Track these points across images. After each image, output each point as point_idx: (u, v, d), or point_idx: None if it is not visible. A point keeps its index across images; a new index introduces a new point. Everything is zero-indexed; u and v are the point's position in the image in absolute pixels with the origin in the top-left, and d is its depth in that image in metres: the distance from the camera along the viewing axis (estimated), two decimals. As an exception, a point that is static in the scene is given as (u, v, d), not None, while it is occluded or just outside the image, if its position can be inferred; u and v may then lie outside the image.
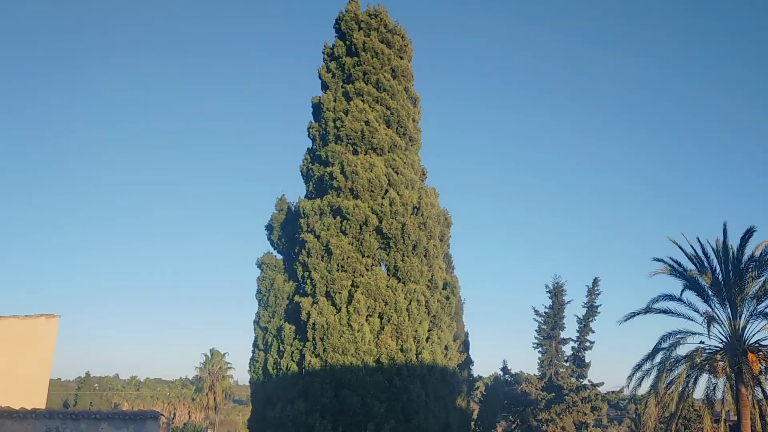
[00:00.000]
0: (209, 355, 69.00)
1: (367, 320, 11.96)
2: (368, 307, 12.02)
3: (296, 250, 12.82)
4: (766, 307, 26.99)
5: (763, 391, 27.04)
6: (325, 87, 14.44)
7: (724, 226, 28.97)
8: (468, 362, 25.35)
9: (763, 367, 26.60)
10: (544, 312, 31.75)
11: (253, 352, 12.88)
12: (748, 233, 26.93)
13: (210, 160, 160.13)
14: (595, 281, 30.39)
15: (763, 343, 27.27)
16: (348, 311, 11.85)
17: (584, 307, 30.73)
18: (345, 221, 12.46)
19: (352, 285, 12.18)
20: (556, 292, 31.14)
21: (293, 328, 12.23)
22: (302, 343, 11.95)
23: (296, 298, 12.50)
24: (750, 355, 26.33)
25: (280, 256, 13.55)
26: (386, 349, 11.67)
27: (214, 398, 65.32)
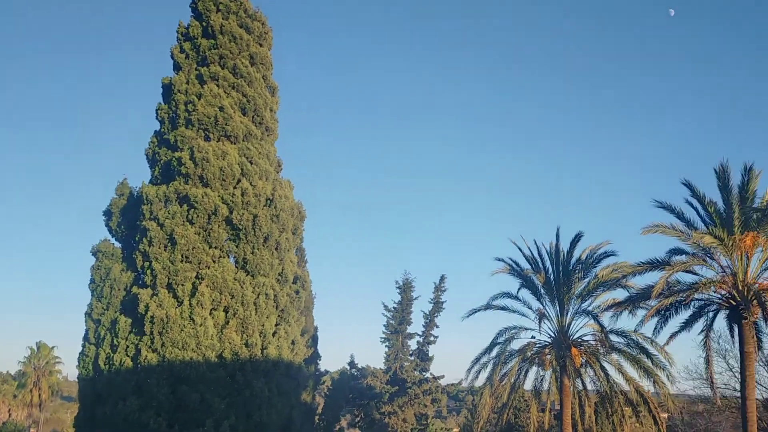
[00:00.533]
0: (35, 349, 63.54)
1: (211, 314, 11.53)
2: (213, 300, 11.60)
3: (137, 239, 12.07)
4: (588, 306, 29.52)
5: (582, 382, 29.59)
6: (177, 68, 13.73)
7: (557, 230, 31.29)
8: (315, 357, 25.37)
9: (583, 361, 29.10)
10: (393, 307, 32.52)
11: (84, 345, 11.97)
12: (577, 238, 29.34)
13: (44, 137, 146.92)
14: (442, 278, 31.61)
15: (585, 338, 29.87)
16: (191, 304, 11.36)
17: (431, 302, 31.87)
18: (192, 210, 11.92)
19: (197, 277, 11.69)
20: (405, 288, 32.02)
21: (129, 321, 11.51)
22: (138, 337, 11.28)
23: (134, 289, 11.77)
24: (573, 350, 28.70)
25: (118, 244, 12.69)
26: (230, 343, 11.33)
27: (39, 395, 60.23)
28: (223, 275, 11.68)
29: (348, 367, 32.44)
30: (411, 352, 32.00)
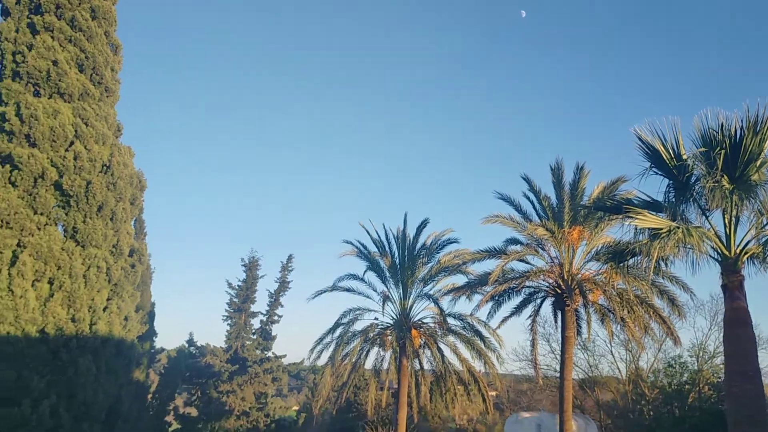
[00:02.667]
0: None
1: (33, 285, 10.58)
2: (37, 270, 10.65)
3: (-53, 199, 10.75)
4: (430, 290, 30.83)
5: (420, 362, 30.94)
6: (6, 13, 12.32)
7: (405, 216, 32.23)
8: (151, 333, 24.19)
9: (422, 342, 30.39)
10: (238, 285, 31.88)
11: None
12: (423, 224, 30.48)
13: None
14: (290, 258, 31.44)
15: (425, 321, 31.20)
16: (10, 274, 10.34)
17: (276, 282, 31.61)
18: (16, 171, 10.81)
19: (19, 245, 10.65)
20: (251, 266, 31.49)
21: (-67, 290, 10.26)
22: (-56, 309, 10.10)
23: (-58, 255, 10.51)
24: (413, 331, 29.88)
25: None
26: (54, 318, 10.48)
27: None
28: (49, 244, 10.74)
29: (186, 345, 31.36)
30: (254, 331, 31.59)
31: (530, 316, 25.25)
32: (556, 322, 24.17)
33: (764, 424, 9.72)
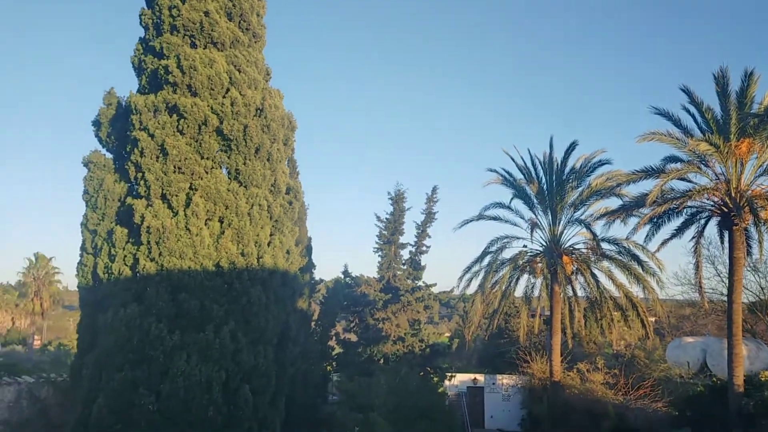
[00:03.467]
0: (33, 260, 64.33)
1: (206, 224, 11.59)
2: (208, 210, 11.63)
3: (128, 149, 11.94)
4: (581, 215, 29.87)
5: (573, 289, 30.35)
6: (159, -30, 13.11)
7: (551, 139, 31.17)
8: (310, 266, 25.76)
9: (574, 268, 29.74)
10: (386, 218, 32.78)
11: (81, 255, 12.09)
12: (571, 147, 29.31)
13: (27, 46, 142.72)
14: (434, 189, 31.73)
15: (576, 247, 30.39)
16: (186, 215, 11.39)
17: (423, 213, 32.12)
18: (182, 120, 11.74)
19: (191, 188, 11.66)
20: (398, 199, 32.18)
21: (125, 231, 11.57)
22: (136, 247, 11.38)
23: (129, 200, 11.77)
24: (564, 258, 29.28)
25: (109, 155, 12.57)
26: (226, 253, 11.46)
27: (41, 304, 61.49)
28: (216, 186, 11.65)
29: (342, 276, 33.08)
30: (404, 262, 32.55)
31: (693, 238, 23.70)
32: (722, 242, 22.56)
33: None
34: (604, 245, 28.87)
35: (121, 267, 11.39)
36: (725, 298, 24.74)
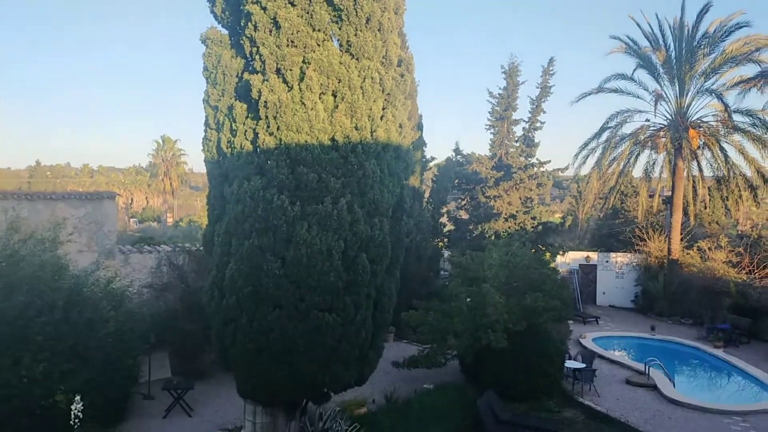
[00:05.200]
0: (161, 142, 68.59)
1: (320, 98, 11.68)
2: (321, 84, 11.67)
3: (242, 24, 12.02)
4: (712, 84, 27.64)
5: (698, 165, 28.67)
6: None
7: (683, 2, 28.37)
8: (421, 143, 25.77)
9: (701, 143, 27.94)
10: (498, 93, 31.79)
11: (205, 131, 12.64)
12: (705, 9, 26.63)
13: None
14: (551, 61, 30.15)
15: (704, 119, 28.34)
16: (300, 89, 11.50)
17: (538, 87, 30.82)
18: (293, -9, 11.58)
19: (303, 61, 11.68)
20: (511, 73, 30.93)
21: (245, 106, 11.90)
22: (255, 122, 11.72)
23: (245, 75, 12.00)
24: (691, 131, 27.48)
25: (225, 31, 12.72)
26: (341, 127, 11.57)
27: (170, 183, 66.17)
28: (328, 59, 11.59)
29: (453, 154, 32.96)
30: (516, 139, 31.81)
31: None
32: None
33: None
34: (737, 117, 26.80)
35: (243, 141, 11.83)
36: None
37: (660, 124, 29.10)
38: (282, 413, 12.55)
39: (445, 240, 31.27)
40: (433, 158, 29.56)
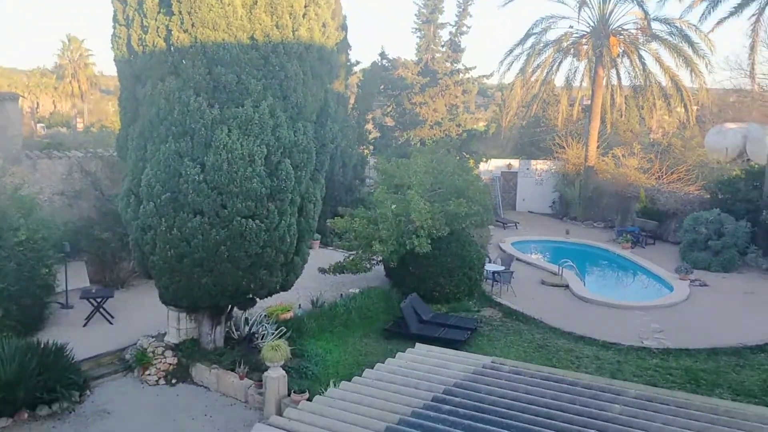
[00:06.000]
0: (66, 42, 63.96)
1: (238, -7, 10.99)
2: (239, -22, 10.95)
3: None
4: (634, -7, 27.76)
5: (617, 73, 29.29)
6: None
7: None
8: (346, 45, 25.03)
9: (621, 51, 28.42)
10: (425, -5, 31.01)
11: (114, 27, 11.72)
12: None
13: None
14: (478, -37, 29.39)
15: (625, 27, 28.74)
16: (216, -18, 10.77)
17: (464, -11, 30.19)
18: None
19: (219, -48, 10.88)
20: (438, -26, 30.10)
21: (156, 0, 11.08)
22: (168, 18, 10.94)
23: (155, -34, 11.11)
24: (612, 38, 27.87)
25: None
26: (260, 24, 10.97)
27: (79, 87, 62.33)
28: (246, -50, 10.85)
29: (379, 59, 32.28)
30: (443, 43, 31.41)
31: (753, 15, 22.14)
32: (785, 22, 21.10)
33: None
34: (656, 25, 27.30)
35: (155, 39, 11.08)
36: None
37: (583, 31, 29.33)
38: (206, 319, 12.54)
39: (371, 147, 31.15)
40: (358, 62, 28.89)
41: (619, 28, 28.44)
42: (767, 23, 22.43)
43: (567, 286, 19.06)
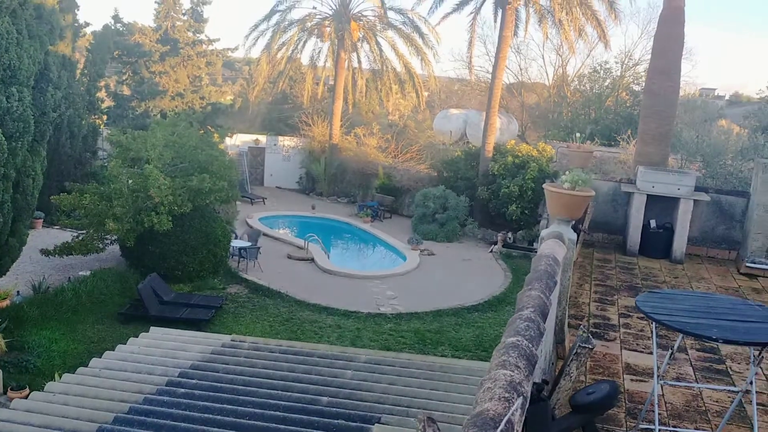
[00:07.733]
0: None
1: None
2: None
3: None
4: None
5: (358, 58, 30.79)
6: None
7: None
8: (72, 5, 22.62)
9: (361, 35, 29.91)
10: (164, -41, 29.29)
11: None
12: None
13: None
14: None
15: (365, 14, 30.27)
16: None
17: (208, -42, 29.15)
18: None
19: None
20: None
21: None
22: None
23: None
24: (353, 24, 29.18)
25: None
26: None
27: None
28: None
29: (113, 22, 29.77)
30: (184, 12, 30.03)
31: (471, 13, 24.85)
32: (495, 21, 24.11)
33: (670, 118, 10.61)
34: (391, 14, 29.22)
35: None
36: (490, 76, 27.04)
37: (326, 13, 30.23)
38: None
39: (104, 117, 28.72)
40: (87, 23, 26.39)
41: (359, 14, 29.86)
42: (484, 21, 25.32)
43: (312, 260, 19.73)
